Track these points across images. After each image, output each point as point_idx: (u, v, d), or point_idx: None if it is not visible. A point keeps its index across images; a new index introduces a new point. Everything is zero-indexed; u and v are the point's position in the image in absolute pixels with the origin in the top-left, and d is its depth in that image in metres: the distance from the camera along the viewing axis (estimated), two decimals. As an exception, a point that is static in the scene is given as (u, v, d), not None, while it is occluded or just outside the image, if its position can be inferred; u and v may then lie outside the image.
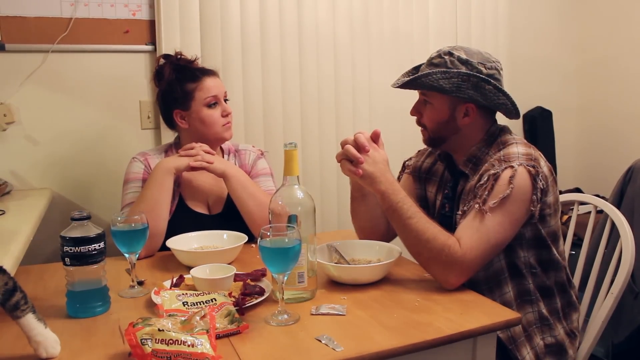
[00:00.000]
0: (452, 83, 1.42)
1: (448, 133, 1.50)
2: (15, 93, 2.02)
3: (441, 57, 1.46)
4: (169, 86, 1.79)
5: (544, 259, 1.45)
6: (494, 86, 1.43)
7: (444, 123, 1.48)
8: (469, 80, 1.42)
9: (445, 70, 1.43)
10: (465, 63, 1.43)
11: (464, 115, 1.47)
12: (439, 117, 1.48)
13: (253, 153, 1.89)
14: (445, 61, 1.44)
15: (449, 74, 1.42)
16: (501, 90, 1.44)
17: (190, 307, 1.14)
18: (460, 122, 1.47)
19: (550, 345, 1.43)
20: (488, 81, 1.42)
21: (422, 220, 1.32)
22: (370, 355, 1.02)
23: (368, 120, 2.54)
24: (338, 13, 2.44)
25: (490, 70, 1.44)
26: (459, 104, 1.46)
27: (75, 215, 1.18)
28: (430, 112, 1.50)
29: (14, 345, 1.05)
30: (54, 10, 2.04)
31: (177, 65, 1.80)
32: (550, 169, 1.44)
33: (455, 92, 1.42)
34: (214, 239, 1.63)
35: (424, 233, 1.30)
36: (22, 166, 2.06)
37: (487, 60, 1.45)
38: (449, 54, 1.45)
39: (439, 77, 1.42)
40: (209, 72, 1.81)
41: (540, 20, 3.05)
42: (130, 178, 1.76)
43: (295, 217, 1.23)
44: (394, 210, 1.33)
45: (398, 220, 1.34)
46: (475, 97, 1.43)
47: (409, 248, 1.36)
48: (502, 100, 1.44)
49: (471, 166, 1.48)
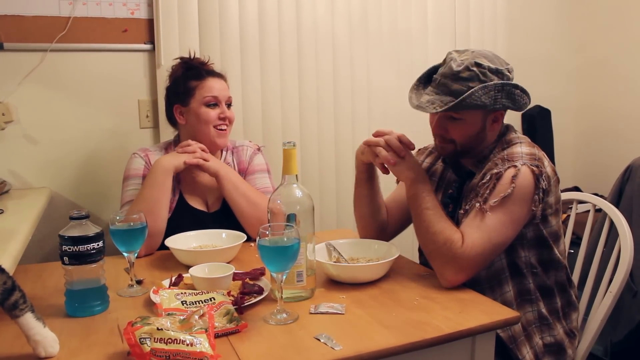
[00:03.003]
0: (490, 97, 1.38)
1: (477, 144, 1.47)
2: (13, 92, 2.02)
3: (469, 69, 1.39)
4: (175, 82, 1.82)
5: (544, 259, 1.45)
6: (521, 89, 1.42)
7: (475, 135, 1.46)
8: (503, 90, 1.40)
9: (484, 85, 1.38)
10: (497, 73, 1.40)
11: (493, 122, 1.46)
12: (471, 131, 1.45)
13: (250, 149, 1.89)
14: (476, 73, 1.39)
15: (487, 88, 1.38)
16: (526, 91, 1.43)
17: (189, 306, 1.14)
18: (489, 129, 1.47)
19: (549, 344, 1.43)
20: (517, 86, 1.41)
21: (437, 214, 1.35)
22: (369, 354, 1.02)
23: (367, 119, 2.54)
24: (337, 12, 2.44)
25: (512, 73, 1.44)
26: (490, 114, 1.45)
27: (74, 214, 1.18)
28: (462, 127, 1.45)
29: (13, 344, 1.05)
30: (52, 9, 2.03)
31: (189, 64, 1.82)
32: (553, 169, 1.43)
33: (493, 105, 1.39)
34: (213, 238, 1.64)
35: (433, 225, 1.33)
36: (21, 165, 2.06)
37: (506, 63, 1.44)
38: (476, 65, 1.39)
39: (481, 94, 1.37)
40: (215, 74, 1.82)
41: (539, 19, 3.05)
42: (130, 174, 1.76)
43: (294, 216, 1.23)
44: (417, 197, 1.38)
45: (417, 208, 1.37)
46: (508, 104, 1.41)
47: (419, 237, 1.40)
48: (525, 100, 1.44)
49: (480, 166, 1.47)
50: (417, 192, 1.38)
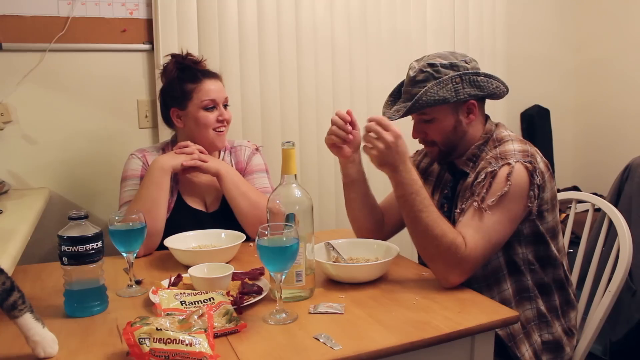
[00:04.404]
0: (448, 89, 1.43)
1: (457, 139, 1.50)
2: (12, 92, 2.02)
3: (423, 71, 1.46)
4: (170, 84, 1.79)
5: (542, 255, 1.46)
6: (484, 74, 1.46)
7: (452, 131, 1.48)
8: (462, 80, 1.43)
9: (438, 81, 1.43)
10: (451, 67, 1.45)
11: (468, 114, 1.48)
12: (446, 128, 1.48)
13: (248, 149, 1.89)
14: (430, 73, 1.45)
15: (443, 83, 1.43)
16: (491, 76, 1.47)
17: (188, 306, 1.14)
18: (466, 122, 1.48)
19: (547, 342, 1.43)
20: (477, 73, 1.45)
21: (433, 215, 1.31)
22: (369, 354, 1.02)
23: (366, 119, 2.53)
24: (336, 12, 2.44)
25: (471, 63, 1.48)
26: (460, 106, 1.47)
27: (73, 214, 1.18)
28: (436, 127, 1.49)
29: (12, 345, 1.05)
30: (51, 9, 2.03)
31: (182, 64, 1.79)
32: (546, 165, 1.44)
33: (455, 96, 1.43)
34: (212, 238, 1.63)
35: (433, 229, 1.29)
36: (20, 165, 2.06)
37: (462, 56, 1.49)
38: (429, 65, 1.46)
39: (436, 89, 1.42)
40: (211, 74, 1.80)
41: (538, 19, 3.05)
42: (128, 175, 1.76)
43: (293, 215, 1.23)
44: (406, 200, 1.32)
45: (409, 212, 1.33)
46: (473, 92, 1.44)
47: (415, 241, 1.35)
48: (495, 84, 1.47)
49: (471, 165, 1.49)
50: (404, 194, 1.32)
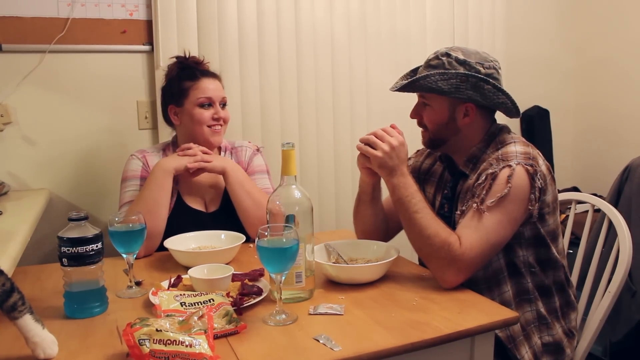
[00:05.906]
0: (450, 84, 1.42)
1: (448, 134, 1.50)
2: (12, 93, 2.02)
3: (438, 58, 1.46)
4: (169, 82, 1.82)
5: (542, 258, 1.45)
6: (493, 85, 1.43)
7: (444, 124, 1.49)
8: (468, 81, 1.42)
9: (443, 71, 1.43)
10: (463, 63, 1.43)
11: (464, 116, 1.47)
12: (438, 119, 1.49)
13: (249, 149, 1.90)
14: (442, 62, 1.45)
15: (447, 75, 1.42)
16: (500, 89, 1.44)
17: (188, 307, 1.14)
18: (460, 123, 1.48)
19: (547, 344, 1.43)
20: (487, 81, 1.43)
21: (427, 216, 1.33)
22: (368, 355, 1.02)
23: (366, 120, 2.54)
24: (335, 13, 2.44)
25: (488, 70, 1.44)
26: (458, 105, 1.46)
27: (73, 215, 1.18)
28: (430, 114, 1.50)
29: (12, 346, 1.05)
30: (50, 10, 2.03)
31: (184, 64, 1.82)
32: (548, 168, 1.44)
33: (454, 93, 1.42)
34: (212, 239, 1.63)
35: (427, 229, 1.32)
36: (20, 167, 2.06)
37: (485, 60, 1.45)
38: (446, 54, 1.45)
39: (437, 78, 1.42)
40: (209, 74, 1.82)
41: (537, 20, 3.05)
42: (128, 176, 1.76)
43: (293, 217, 1.23)
44: (402, 203, 1.36)
45: (405, 214, 1.36)
46: (474, 97, 1.43)
47: (412, 242, 1.37)
48: (501, 99, 1.44)
49: (471, 166, 1.49)
50: (400, 197, 1.36)
